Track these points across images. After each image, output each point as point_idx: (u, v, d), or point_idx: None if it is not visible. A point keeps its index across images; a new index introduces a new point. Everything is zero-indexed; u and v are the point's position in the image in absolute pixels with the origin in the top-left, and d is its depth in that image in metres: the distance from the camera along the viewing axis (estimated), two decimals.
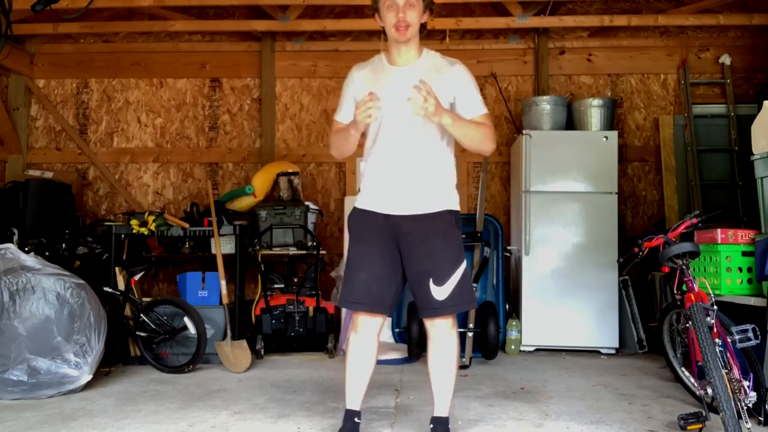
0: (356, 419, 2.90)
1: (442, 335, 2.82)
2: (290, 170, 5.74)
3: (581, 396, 3.86)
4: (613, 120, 5.67)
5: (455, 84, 2.78)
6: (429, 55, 2.87)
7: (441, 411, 2.90)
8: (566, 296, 5.31)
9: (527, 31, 6.23)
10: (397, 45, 2.80)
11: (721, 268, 3.76)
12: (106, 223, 5.49)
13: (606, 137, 5.43)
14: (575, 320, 5.30)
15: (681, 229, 3.47)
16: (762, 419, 3.13)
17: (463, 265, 2.78)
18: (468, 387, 4.08)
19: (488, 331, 4.85)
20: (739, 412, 2.76)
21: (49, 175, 6.02)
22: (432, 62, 2.84)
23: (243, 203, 5.68)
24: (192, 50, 6.48)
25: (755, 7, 5.81)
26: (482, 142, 2.79)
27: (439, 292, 2.73)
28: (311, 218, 5.57)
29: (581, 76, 6.31)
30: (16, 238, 4.97)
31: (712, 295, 3.07)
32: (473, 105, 2.80)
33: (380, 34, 3.06)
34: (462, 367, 4.65)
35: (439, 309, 2.76)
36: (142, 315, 4.66)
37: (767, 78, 5.90)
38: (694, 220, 3.45)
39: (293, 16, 5.91)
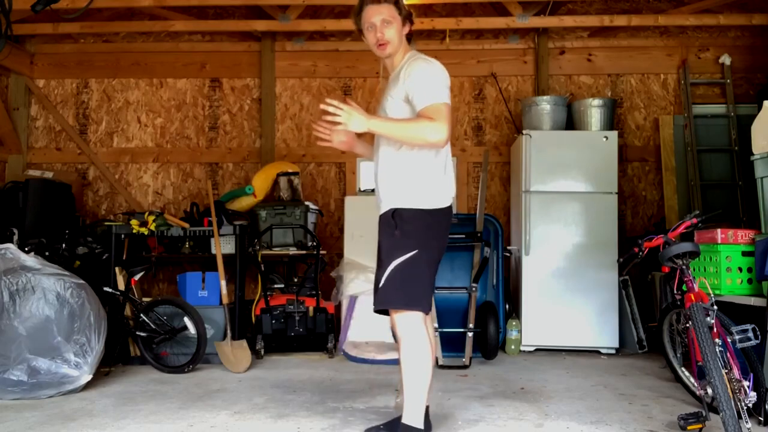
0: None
1: (398, 332, 2.80)
2: (290, 170, 5.74)
3: (581, 396, 3.86)
4: (613, 120, 5.67)
5: (406, 81, 2.78)
6: (405, 60, 2.89)
7: (404, 415, 2.80)
8: (566, 296, 5.31)
9: (527, 31, 6.23)
10: (383, 59, 2.99)
11: (721, 268, 3.76)
12: (106, 223, 5.49)
13: (606, 137, 5.43)
14: (575, 320, 5.30)
15: (681, 229, 3.47)
16: (762, 419, 3.13)
17: (393, 265, 2.75)
18: (468, 387, 4.09)
19: (488, 331, 4.86)
20: (739, 412, 2.75)
21: (49, 175, 6.02)
22: (402, 66, 2.88)
23: (243, 203, 5.69)
24: (192, 50, 6.49)
25: (755, 7, 5.82)
26: (415, 137, 2.70)
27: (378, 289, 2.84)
28: (311, 218, 5.57)
29: (581, 76, 6.31)
30: (16, 238, 4.97)
31: (712, 295, 3.06)
32: (418, 98, 2.73)
33: None
34: (462, 367, 4.66)
35: (375, 305, 2.86)
36: (142, 315, 4.66)
37: (767, 78, 5.90)
38: (694, 220, 3.45)
39: (293, 16, 5.91)
